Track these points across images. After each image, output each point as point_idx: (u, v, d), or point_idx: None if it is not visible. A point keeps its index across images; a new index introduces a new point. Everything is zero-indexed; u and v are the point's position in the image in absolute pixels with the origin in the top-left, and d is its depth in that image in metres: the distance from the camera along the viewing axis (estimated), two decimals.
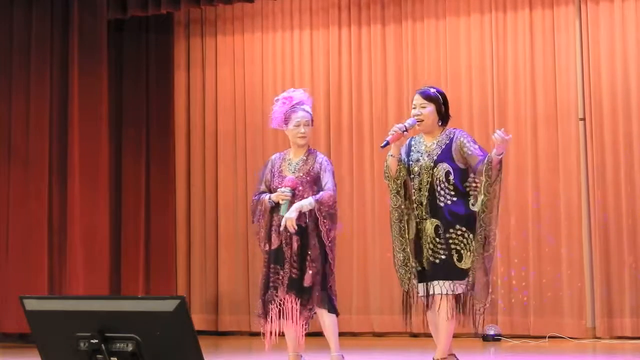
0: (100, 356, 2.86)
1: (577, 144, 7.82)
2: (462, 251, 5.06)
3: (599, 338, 7.54)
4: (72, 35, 8.07)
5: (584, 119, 7.83)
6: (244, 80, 8.89)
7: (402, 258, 5.19)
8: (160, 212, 8.83)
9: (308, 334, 5.52)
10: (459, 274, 5.06)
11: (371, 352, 7.27)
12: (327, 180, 5.47)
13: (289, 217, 5.33)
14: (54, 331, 2.99)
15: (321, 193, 5.41)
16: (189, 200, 8.98)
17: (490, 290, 5.16)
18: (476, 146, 5.18)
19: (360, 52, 8.54)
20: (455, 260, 5.07)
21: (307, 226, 5.40)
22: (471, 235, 5.07)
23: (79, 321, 2.91)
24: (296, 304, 5.38)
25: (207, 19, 9.09)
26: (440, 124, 5.26)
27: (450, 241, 5.06)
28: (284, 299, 5.41)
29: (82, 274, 7.86)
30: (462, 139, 5.17)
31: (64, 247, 7.89)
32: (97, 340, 2.86)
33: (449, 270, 5.06)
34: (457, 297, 5.11)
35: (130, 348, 2.84)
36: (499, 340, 7.65)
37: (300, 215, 5.37)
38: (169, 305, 2.81)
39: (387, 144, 5.18)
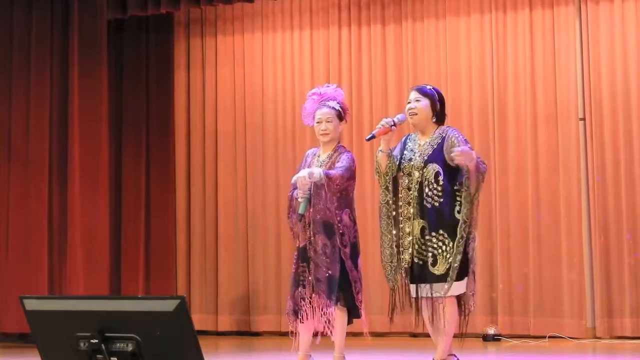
0: (100, 356, 2.86)
1: (577, 144, 7.82)
2: (438, 257, 5.06)
3: (599, 338, 7.55)
4: (72, 35, 8.07)
5: (584, 119, 7.83)
6: (244, 80, 8.89)
7: (388, 254, 5.18)
8: (160, 212, 8.83)
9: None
10: (434, 278, 5.07)
11: (371, 352, 7.27)
12: (342, 163, 5.38)
13: (301, 183, 5.27)
14: (54, 331, 2.99)
15: (333, 170, 5.34)
16: (189, 200, 8.98)
17: (472, 292, 5.14)
18: (469, 146, 5.14)
19: (360, 52, 8.54)
20: (429, 264, 5.07)
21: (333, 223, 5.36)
22: (451, 243, 5.05)
23: (79, 321, 2.90)
24: (320, 304, 5.35)
25: (207, 19, 9.09)
26: (434, 120, 5.24)
27: (429, 244, 5.06)
28: (312, 297, 5.38)
29: (82, 274, 7.86)
30: (453, 138, 5.14)
31: (64, 247, 7.88)
32: (97, 340, 2.86)
33: (427, 274, 5.08)
34: (457, 298, 5.13)
35: (130, 348, 2.84)
36: (499, 340, 7.65)
37: (326, 211, 5.31)
38: (169, 305, 2.81)
39: (373, 137, 5.18)
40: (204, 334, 8.41)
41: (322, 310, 5.33)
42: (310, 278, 5.35)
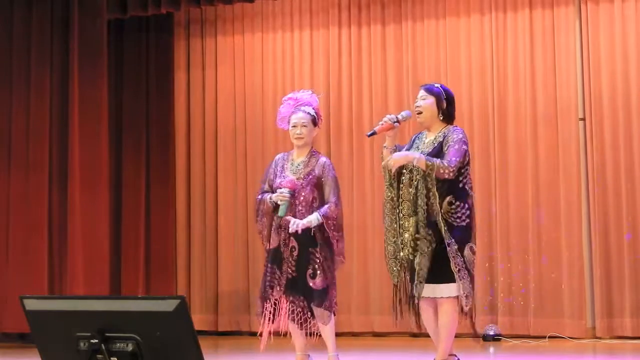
0: (100, 356, 2.86)
1: (577, 144, 7.82)
2: (420, 255, 5.06)
3: (599, 338, 7.55)
4: (72, 36, 8.07)
5: (584, 119, 7.83)
6: (244, 81, 8.89)
7: (392, 250, 5.20)
8: (160, 212, 8.83)
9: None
10: (414, 277, 5.08)
11: (371, 352, 7.27)
12: (329, 191, 5.48)
13: (299, 224, 5.33)
14: (54, 331, 2.99)
15: (325, 207, 5.42)
16: (189, 200, 8.98)
17: (467, 294, 5.14)
18: (455, 148, 5.10)
19: (360, 52, 8.54)
20: (415, 262, 5.08)
21: (314, 234, 5.40)
22: (433, 245, 5.04)
23: (79, 321, 2.91)
24: (292, 305, 5.40)
25: (207, 19, 9.09)
26: (441, 119, 5.25)
27: (418, 242, 5.07)
28: (279, 299, 5.44)
29: (82, 274, 7.86)
30: (450, 137, 5.14)
31: (64, 247, 7.88)
32: (97, 340, 2.86)
33: (413, 272, 5.09)
34: (458, 298, 5.13)
35: (130, 348, 2.84)
36: (499, 340, 7.65)
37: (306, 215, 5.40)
38: (169, 305, 2.81)
39: (374, 133, 5.20)
40: (204, 334, 8.41)
41: (295, 311, 5.38)
42: (282, 280, 5.41)
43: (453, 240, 5.02)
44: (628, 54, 7.72)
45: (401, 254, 5.15)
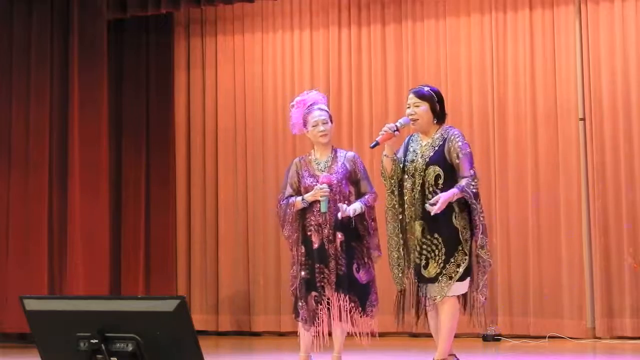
0: (100, 356, 2.86)
1: (577, 144, 7.81)
2: (430, 260, 5.07)
3: (599, 338, 7.54)
4: (72, 36, 8.07)
5: (584, 119, 7.83)
6: (244, 81, 8.88)
7: (396, 257, 5.22)
8: (160, 212, 8.83)
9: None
10: (425, 280, 5.09)
11: (371, 352, 7.26)
12: (365, 182, 5.56)
13: (347, 210, 5.36)
14: (54, 331, 2.99)
15: (366, 197, 5.51)
16: (189, 200, 8.98)
17: (485, 296, 5.16)
18: (465, 158, 5.12)
19: (360, 52, 8.54)
20: (422, 265, 5.10)
21: (356, 226, 5.43)
22: (443, 249, 5.05)
23: (79, 321, 2.91)
24: (345, 302, 5.38)
25: (207, 19, 9.09)
26: (435, 122, 5.25)
27: (425, 247, 5.08)
28: (331, 297, 5.39)
29: (82, 274, 7.86)
30: (454, 143, 5.14)
31: (64, 247, 7.88)
32: (97, 340, 2.86)
33: (421, 275, 5.10)
34: (459, 298, 5.14)
35: (130, 348, 2.84)
36: (499, 340, 7.65)
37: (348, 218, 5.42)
38: (169, 305, 2.81)
39: (377, 144, 5.21)
40: (204, 334, 8.41)
41: (348, 308, 5.38)
42: (331, 277, 5.38)
43: (469, 239, 5.06)
44: (628, 54, 7.72)
45: (408, 258, 5.17)
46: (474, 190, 5.07)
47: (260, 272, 8.64)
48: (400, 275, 5.22)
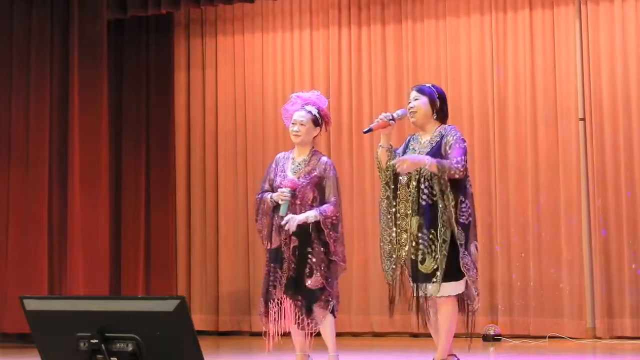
0: (100, 356, 2.86)
1: (577, 144, 7.82)
2: (426, 255, 5.06)
3: (599, 338, 7.55)
4: (72, 35, 8.07)
5: (584, 119, 7.83)
6: (244, 81, 8.89)
7: (388, 250, 5.19)
8: (160, 212, 8.83)
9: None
10: (422, 277, 5.08)
11: (371, 352, 7.27)
12: (330, 191, 5.48)
13: (294, 220, 5.34)
14: (54, 331, 2.99)
15: (325, 206, 5.43)
16: (189, 200, 8.98)
17: (477, 292, 5.16)
18: (457, 147, 5.10)
19: (360, 52, 8.54)
20: (419, 261, 5.08)
21: (311, 233, 5.41)
22: (441, 245, 5.04)
23: (79, 321, 2.91)
24: (292, 304, 5.41)
25: (207, 19, 9.09)
26: (435, 118, 5.24)
27: (421, 242, 5.07)
28: (281, 298, 5.44)
29: (82, 274, 7.86)
30: (450, 137, 5.14)
31: (64, 247, 7.88)
32: (97, 340, 2.86)
33: (417, 272, 5.08)
34: (458, 298, 5.13)
35: (130, 348, 2.84)
36: (499, 340, 7.65)
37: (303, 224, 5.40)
38: (169, 305, 2.81)
39: (370, 130, 5.20)
40: (204, 334, 8.41)
41: (295, 311, 5.39)
42: (282, 279, 5.41)
43: (462, 238, 5.04)
44: (628, 54, 7.72)
45: (399, 253, 5.14)
46: (453, 173, 4.97)
47: (260, 272, 8.56)
48: (393, 267, 5.17)
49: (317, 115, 5.58)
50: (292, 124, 5.56)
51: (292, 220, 5.36)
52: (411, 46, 8.37)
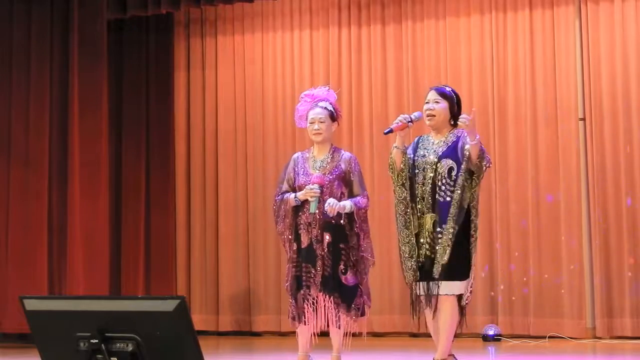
0: (100, 356, 2.86)
1: (577, 144, 7.82)
2: (441, 252, 5.07)
3: (599, 338, 7.54)
4: (72, 35, 8.07)
5: (584, 119, 7.83)
6: (244, 81, 8.89)
7: (408, 250, 5.17)
8: (160, 212, 8.83)
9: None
10: (434, 276, 5.09)
11: (371, 352, 7.27)
12: (357, 185, 5.52)
13: (337, 205, 5.34)
14: (54, 331, 2.99)
15: (358, 198, 5.47)
16: (189, 200, 8.98)
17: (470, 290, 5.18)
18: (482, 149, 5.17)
19: (360, 52, 8.54)
20: (434, 258, 5.08)
21: (344, 226, 5.41)
22: (454, 239, 5.05)
23: (79, 321, 2.91)
24: (330, 302, 5.37)
25: (207, 19, 9.09)
26: (451, 123, 5.26)
27: (440, 236, 5.07)
28: (317, 297, 5.39)
29: (82, 274, 7.86)
30: (467, 140, 5.16)
31: (64, 247, 7.88)
32: (97, 340, 2.86)
33: (444, 270, 5.08)
34: (458, 298, 5.13)
35: (130, 348, 2.84)
36: (499, 340, 7.65)
37: (337, 215, 5.40)
38: (169, 305, 2.81)
39: (391, 131, 5.21)
40: (204, 334, 8.41)
41: (332, 309, 5.36)
42: (317, 278, 5.37)
43: (473, 236, 5.07)
44: (628, 53, 7.72)
45: (420, 251, 5.14)
46: (486, 162, 5.06)
47: (260, 272, 8.65)
48: (414, 267, 5.15)
49: (332, 110, 5.59)
50: (311, 122, 5.55)
51: (335, 205, 5.34)
52: (411, 46, 8.37)
